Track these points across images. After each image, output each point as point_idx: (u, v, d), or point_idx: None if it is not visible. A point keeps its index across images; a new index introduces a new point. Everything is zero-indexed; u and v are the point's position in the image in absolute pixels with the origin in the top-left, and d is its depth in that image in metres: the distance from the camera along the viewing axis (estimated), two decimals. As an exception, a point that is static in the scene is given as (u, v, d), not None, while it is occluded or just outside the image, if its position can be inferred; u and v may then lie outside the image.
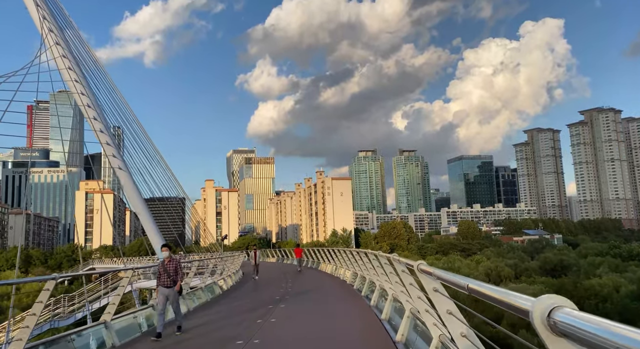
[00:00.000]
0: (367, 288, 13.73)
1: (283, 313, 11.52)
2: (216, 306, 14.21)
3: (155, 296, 11.22)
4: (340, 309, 11.97)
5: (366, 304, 11.82)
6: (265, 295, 16.41)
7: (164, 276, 10.78)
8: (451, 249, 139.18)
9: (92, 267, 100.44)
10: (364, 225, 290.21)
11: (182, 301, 14.60)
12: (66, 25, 37.47)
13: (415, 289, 5.50)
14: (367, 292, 13.69)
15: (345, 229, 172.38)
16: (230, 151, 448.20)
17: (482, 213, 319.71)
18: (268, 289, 18.79)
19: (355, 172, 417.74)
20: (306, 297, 15.39)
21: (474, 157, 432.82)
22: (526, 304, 1.93)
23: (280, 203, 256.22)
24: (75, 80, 27.77)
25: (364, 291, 13.96)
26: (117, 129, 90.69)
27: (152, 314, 11.72)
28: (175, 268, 10.85)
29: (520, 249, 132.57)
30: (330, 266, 26.67)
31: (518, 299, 2.07)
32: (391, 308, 9.17)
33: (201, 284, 17.96)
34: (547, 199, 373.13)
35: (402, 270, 6.18)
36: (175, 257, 11.37)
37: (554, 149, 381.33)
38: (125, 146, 49.20)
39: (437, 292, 4.16)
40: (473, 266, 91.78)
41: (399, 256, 8.46)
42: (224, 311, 12.92)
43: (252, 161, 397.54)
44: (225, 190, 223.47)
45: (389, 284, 9.04)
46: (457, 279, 2.99)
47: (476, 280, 2.84)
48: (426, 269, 4.27)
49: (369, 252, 10.77)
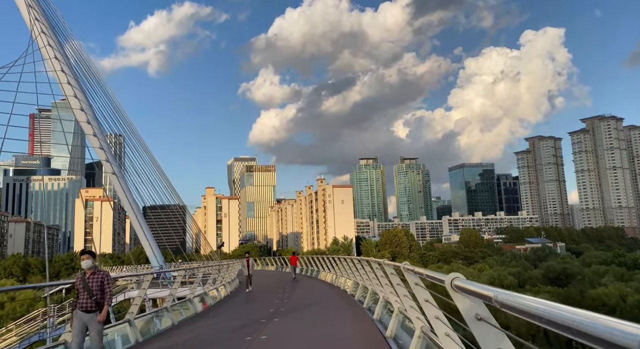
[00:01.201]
0: (370, 299, 12.76)
1: (276, 330, 10.48)
2: (204, 319, 13.11)
3: (70, 325, 7.99)
4: (339, 324, 10.92)
5: (368, 318, 10.82)
6: (258, 307, 15.37)
7: (84, 295, 7.72)
8: (453, 257, 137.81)
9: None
10: (365, 233, 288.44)
11: (167, 315, 13.25)
12: (62, 31, 37.03)
13: (432, 307, 4.55)
14: (370, 303, 12.72)
15: (347, 237, 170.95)
16: (231, 159, 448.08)
17: (484, 221, 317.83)
18: (263, 300, 17.74)
19: (356, 180, 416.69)
20: (303, 310, 14.35)
21: (475, 165, 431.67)
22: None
23: (281, 211, 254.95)
24: (67, 82, 27.05)
25: (365, 302, 12.97)
26: (119, 136, 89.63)
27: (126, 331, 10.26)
28: (101, 285, 7.80)
29: (523, 257, 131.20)
30: (330, 274, 25.71)
31: None
32: (397, 324, 8.18)
33: (190, 295, 16.80)
34: (549, 207, 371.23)
35: (415, 283, 5.22)
36: (103, 270, 8.19)
37: (555, 157, 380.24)
38: (126, 154, 48.65)
39: (481, 320, 3.12)
40: (475, 275, 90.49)
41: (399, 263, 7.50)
42: (211, 325, 11.83)
43: (253, 168, 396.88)
44: (226, 198, 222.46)
45: (394, 297, 8.08)
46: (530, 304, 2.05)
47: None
48: (464, 286, 3.14)
49: (372, 260, 9.75)
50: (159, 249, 30.81)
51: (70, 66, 31.69)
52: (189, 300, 16.52)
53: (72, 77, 30.23)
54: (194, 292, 17.11)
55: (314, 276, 31.64)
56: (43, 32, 30.76)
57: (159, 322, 12.81)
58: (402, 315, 7.83)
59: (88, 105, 29.50)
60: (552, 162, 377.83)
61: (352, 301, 14.97)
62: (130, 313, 10.34)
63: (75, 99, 29.43)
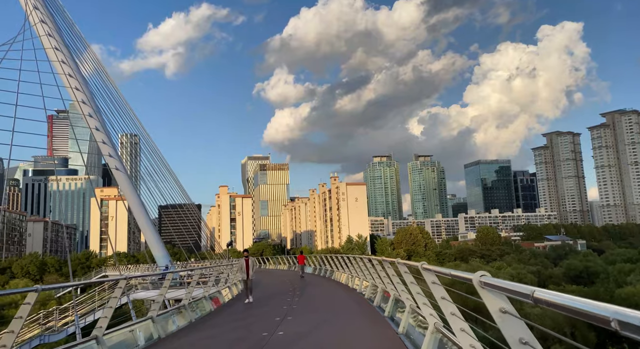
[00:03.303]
0: (392, 307, 11.16)
1: (279, 344, 8.95)
2: (198, 330, 11.77)
3: None
4: (355, 338, 9.28)
5: (392, 331, 9.19)
6: (261, 315, 13.85)
7: None
8: (470, 255, 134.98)
9: (105, 274, 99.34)
10: (380, 231, 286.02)
11: (186, 313, 13.24)
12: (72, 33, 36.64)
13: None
14: (391, 311, 11.13)
15: (361, 236, 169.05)
16: (245, 158, 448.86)
17: (501, 218, 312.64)
18: (268, 305, 16.19)
19: (370, 178, 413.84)
20: (312, 318, 12.81)
21: (491, 162, 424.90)
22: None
23: (294, 209, 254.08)
24: (69, 74, 26.10)
25: (387, 310, 11.37)
26: (135, 136, 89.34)
27: (150, 327, 10.42)
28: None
29: (542, 255, 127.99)
30: (344, 275, 24.21)
31: None
32: (433, 343, 6.39)
33: (204, 294, 16.01)
34: (568, 204, 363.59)
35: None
36: None
37: (574, 153, 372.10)
38: (141, 154, 48.98)
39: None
40: (494, 273, 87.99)
41: (415, 262, 6.20)
42: (204, 338, 10.47)
43: (266, 167, 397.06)
44: (240, 196, 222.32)
45: (429, 309, 6.48)
46: None
47: None
48: (551, 300, 2.25)
49: (397, 261, 8.09)
50: (165, 249, 29.90)
51: (80, 72, 31.54)
52: (204, 298, 16.01)
53: (82, 83, 29.92)
54: (207, 291, 16.41)
55: (327, 276, 30.22)
56: (50, 35, 30.41)
57: (176, 319, 12.82)
58: (439, 333, 6.19)
59: (91, 97, 29.02)
60: (571, 158, 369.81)
61: (370, 308, 13.36)
62: (152, 310, 10.76)
63: (84, 104, 29.18)
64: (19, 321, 6.15)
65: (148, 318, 10.07)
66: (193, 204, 49.32)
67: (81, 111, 29.33)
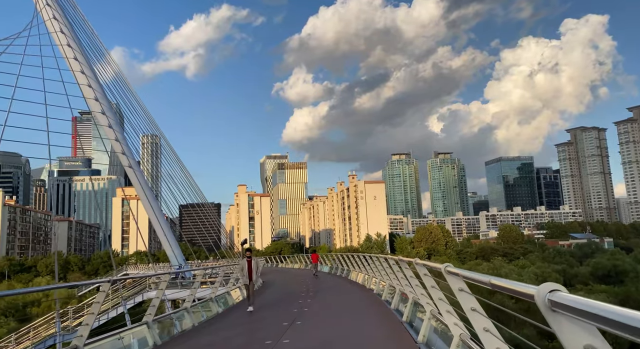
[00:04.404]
0: (411, 311, 10.20)
1: None
2: (198, 335, 10.99)
3: None
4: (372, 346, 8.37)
5: (410, 339, 8.23)
6: (269, 319, 13.00)
7: None
8: (492, 253, 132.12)
9: (126, 273, 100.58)
10: (399, 230, 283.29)
11: (187, 316, 12.39)
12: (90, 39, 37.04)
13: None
14: (410, 316, 10.18)
15: (380, 234, 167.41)
16: (263, 157, 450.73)
17: (523, 216, 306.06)
18: (278, 307, 15.34)
19: (388, 176, 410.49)
20: (323, 323, 11.92)
21: (513, 159, 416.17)
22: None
23: (313, 208, 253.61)
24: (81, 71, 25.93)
25: (405, 315, 10.41)
26: (155, 137, 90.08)
27: (144, 333, 9.63)
28: None
29: (567, 253, 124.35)
30: (361, 275, 23.35)
31: None
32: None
33: (211, 295, 15.26)
34: (594, 200, 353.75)
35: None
36: None
37: (599, 149, 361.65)
38: (162, 154, 49.99)
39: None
40: (517, 272, 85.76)
41: (436, 261, 5.18)
42: (200, 346, 9.69)
43: (284, 166, 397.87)
44: (258, 195, 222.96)
45: (453, 318, 5.52)
46: None
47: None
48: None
49: (416, 262, 7.03)
50: (179, 248, 29.59)
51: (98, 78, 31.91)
52: (210, 300, 15.17)
53: (98, 91, 30.16)
54: (215, 292, 15.58)
55: (343, 275, 29.41)
56: (69, 45, 30.64)
57: (178, 324, 11.91)
58: (466, 347, 5.16)
59: (115, 118, 29.47)
60: (596, 154, 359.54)
61: (388, 312, 12.39)
62: (147, 315, 9.83)
63: (98, 106, 29.39)
64: (97, 305, 7.09)
65: (143, 323, 9.34)
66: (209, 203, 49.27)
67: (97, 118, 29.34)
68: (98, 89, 30.95)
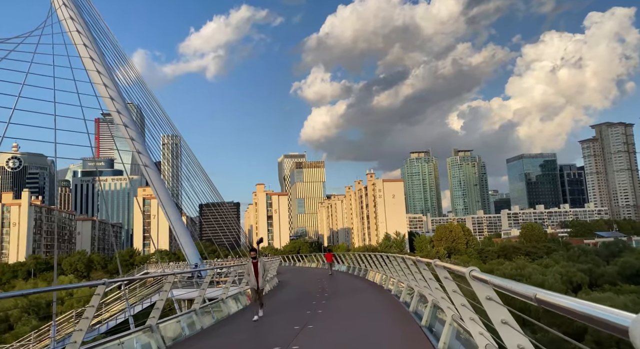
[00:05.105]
0: (430, 315, 9.54)
1: None
2: (204, 339, 10.52)
3: None
4: None
5: (429, 346, 7.59)
6: (280, 322, 12.45)
7: None
8: (514, 252, 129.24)
9: (147, 271, 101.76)
10: (418, 228, 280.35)
11: (196, 318, 11.92)
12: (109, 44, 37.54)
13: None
14: (429, 320, 9.54)
15: (399, 233, 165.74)
16: (281, 156, 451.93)
17: (547, 214, 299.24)
18: (291, 309, 14.83)
19: (407, 175, 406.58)
20: (336, 326, 11.30)
21: (535, 156, 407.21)
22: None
23: (330, 207, 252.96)
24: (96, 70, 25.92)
25: (424, 318, 9.76)
26: (176, 137, 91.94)
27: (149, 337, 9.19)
28: None
29: (593, 252, 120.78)
30: (378, 274, 22.73)
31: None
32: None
33: (222, 295, 14.79)
34: (620, 198, 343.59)
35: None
36: None
37: (626, 145, 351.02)
38: (183, 154, 50.98)
39: None
40: (541, 271, 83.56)
41: (456, 260, 4.48)
42: None
43: (302, 165, 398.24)
44: (276, 194, 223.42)
45: (477, 327, 4.86)
46: None
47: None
48: None
49: (435, 264, 6.32)
50: (194, 247, 29.46)
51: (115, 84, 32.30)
52: (221, 301, 14.61)
53: (114, 91, 30.35)
54: (226, 292, 15.09)
55: (360, 275, 28.81)
56: (84, 45, 30.87)
57: (186, 326, 11.37)
58: None
59: (129, 116, 29.63)
60: (623, 150, 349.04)
61: (406, 315, 11.75)
62: (152, 318, 9.33)
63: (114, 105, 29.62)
64: (91, 309, 6.98)
65: (147, 326, 8.92)
66: (228, 202, 49.45)
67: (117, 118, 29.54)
68: (113, 89, 31.10)
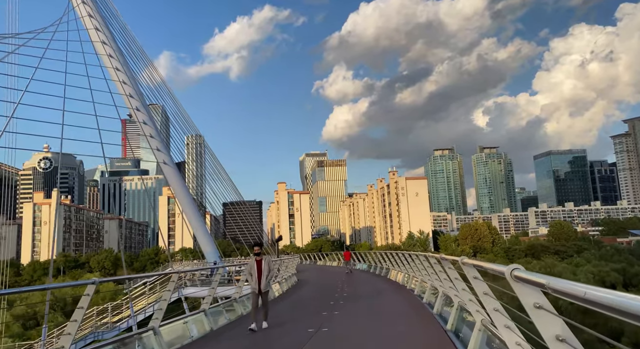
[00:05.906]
0: (456, 318, 8.69)
1: None
2: (212, 342, 9.86)
3: None
4: None
5: None
6: (294, 322, 11.73)
7: None
8: (542, 251, 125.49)
9: (171, 269, 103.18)
10: (443, 227, 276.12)
11: (204, 319, 11.34)
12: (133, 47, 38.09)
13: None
14: (455, 323, 8.69)
15: (422, 232, 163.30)
16: (303, 155, 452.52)
17: (576, 212, 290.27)
18: (307, 309, 14.09)
19: (431, 172, 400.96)
20: (352, 330, 10.51)
21: (564, 152, 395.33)
22: None
23: (352, 205, 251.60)
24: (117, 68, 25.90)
25: (450, 322, 8.92)
26: (200, 137, 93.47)
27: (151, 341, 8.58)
28: None
29: (626, 251, 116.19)
30: (401, 274, 21.86)
31: None
32: None
33: (235, 295, 14.24)
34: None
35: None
36: None
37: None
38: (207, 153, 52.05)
39: None
40: (571, 271, 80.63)
41: (482, 259, 3.68)
42: None
43: (324, 163, 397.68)
44: (297, 192, 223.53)
45: (514, 337, 4.05)
46: None
47: None
48: None
49: (462, 262, 5.47)
50: (214, 246, 29.24)
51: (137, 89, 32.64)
52: (234, 300, 14.10)
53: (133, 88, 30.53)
54: (239, 291, 14.53)
55: (382, 274, 27.94)
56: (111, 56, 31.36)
57: (194, 328, 10.77)
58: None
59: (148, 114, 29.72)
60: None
61: (430, 318, 10.89)
62: (154, 320, 8.72)
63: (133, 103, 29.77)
64: (80, 311, 6.52)
65: (149, 328, 8.36)
66: (250, 201, 49.55)
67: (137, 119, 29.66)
68: (133, 86, 31.21)
